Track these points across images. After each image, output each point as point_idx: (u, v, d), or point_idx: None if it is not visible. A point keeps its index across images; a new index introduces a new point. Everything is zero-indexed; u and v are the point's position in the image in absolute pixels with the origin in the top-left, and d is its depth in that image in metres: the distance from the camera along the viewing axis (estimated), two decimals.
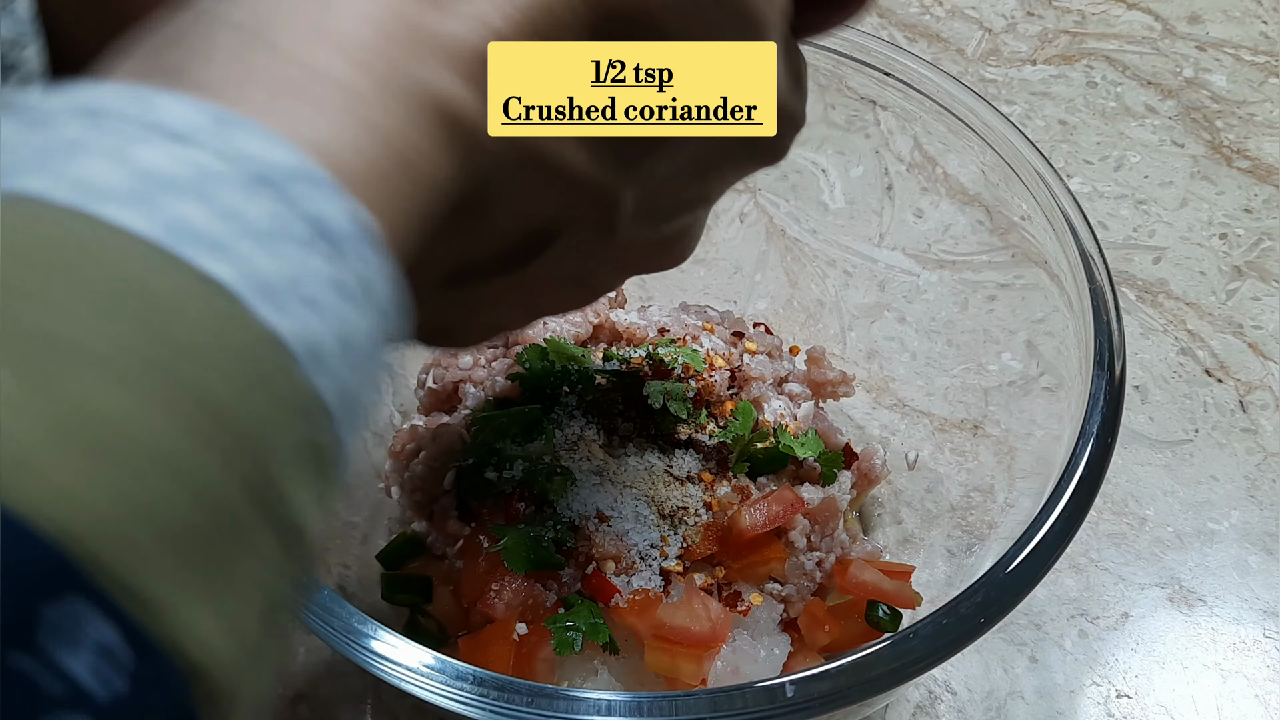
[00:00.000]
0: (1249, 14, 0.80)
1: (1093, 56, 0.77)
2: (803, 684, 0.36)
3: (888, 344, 0.59)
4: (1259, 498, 0.60)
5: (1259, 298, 0.67)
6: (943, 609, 0.38)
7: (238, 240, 0.16)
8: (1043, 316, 0.50)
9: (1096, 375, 0.43)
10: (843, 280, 0.60)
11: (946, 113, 0.51)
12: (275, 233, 0.16)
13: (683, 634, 0.44)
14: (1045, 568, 0.39)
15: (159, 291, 0.15)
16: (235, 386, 0.15)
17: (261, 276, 0.16)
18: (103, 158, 0.16)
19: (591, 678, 0.45)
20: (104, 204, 0.15)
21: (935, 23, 0.79)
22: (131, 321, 0.15)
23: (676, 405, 0.50)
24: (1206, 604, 0.57)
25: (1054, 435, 0.45)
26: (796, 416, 0.52)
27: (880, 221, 0.59)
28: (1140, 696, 0.54)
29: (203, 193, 0.16)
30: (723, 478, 0.50)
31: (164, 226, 0.15)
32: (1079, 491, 0.40)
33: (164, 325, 0.15)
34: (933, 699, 0.54)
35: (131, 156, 0.16)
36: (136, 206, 0.15)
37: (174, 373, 0.15)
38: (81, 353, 0.14)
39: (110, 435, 0.14)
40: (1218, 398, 0.63)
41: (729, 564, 0.48)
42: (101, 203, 0.15)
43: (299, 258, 0.16)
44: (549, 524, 0.46)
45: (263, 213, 0.16)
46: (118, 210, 0.15)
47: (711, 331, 0.54)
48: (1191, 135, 0.74)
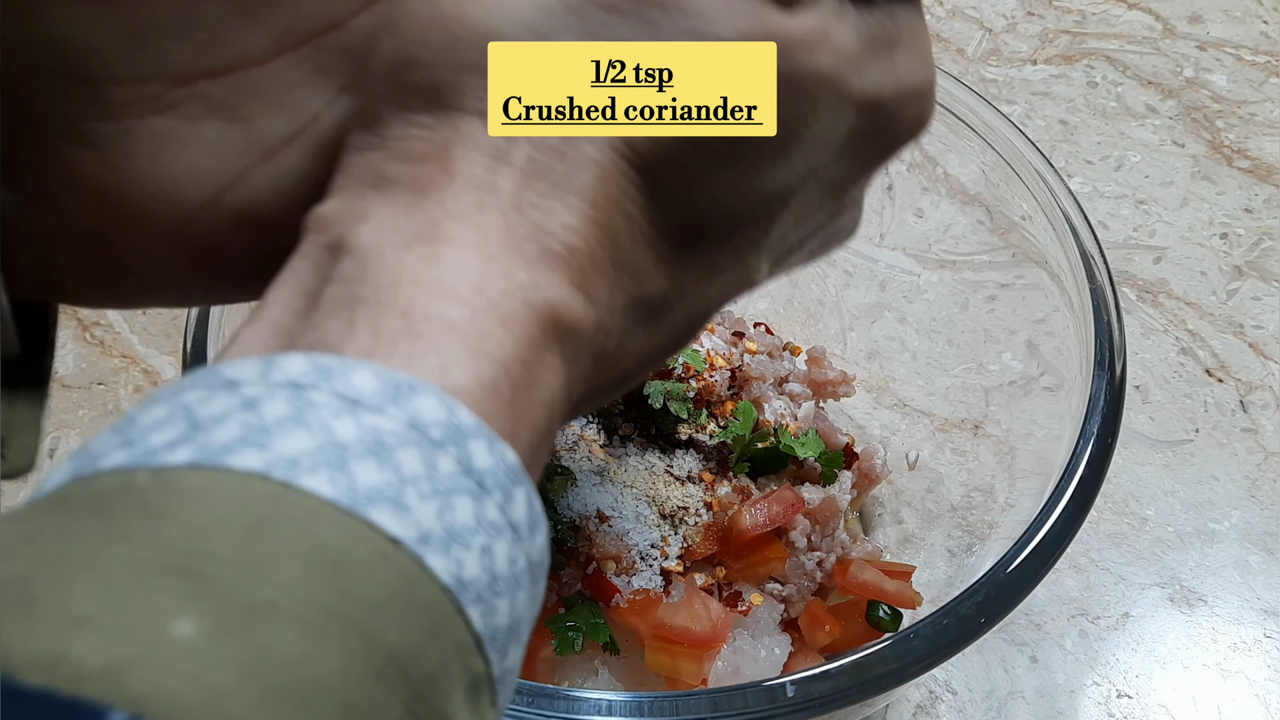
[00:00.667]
0: (1249, 14, 0.80)
1: (1093, 56, 0.77)
2: (803, 684, 0.36)
3: (888, 344, 0.59)
4: (1259, 498, 0.60)
5: (1259, 297, 0.67)
6: (943, 609, 0.38)
7: (412, 498, 0.18)
8: (1043, 316, 0.50)
9: (1097, 375, 0.43)
10: (843, 280, 0.60)
11: (947, 113, 0.51)
12: (441, 488, 0.19)
13: (683, 634, 0.44)
14: (1046, 568, 0.39)
15: (345, 550, 0.17)
16: (410, 634, 0.17)
17: (429, 529, 0.18)
18: (304, 431, 0.18)
19: (592, 678, 0.45)
20: (302, 474, 0.18)
21: (935, 22, 0.79)
22: (318, 578, 0.17)
23: (677, 405, 0.50)
24: (1207, 604, 0.57)
25: (1054, 435, 0.45)
26: (797, 416, 0.52)
27: (881, 221, 0.59)
28: (1141, 696, 0.54)
29: (384, 458, 0.18)
30: (723, 478, 0.50)
31: (352, 491, 0.18)
32: (1079, 491, 0.40)
33: (348, 581, 0.17)
34: (933, 699, 0.54)
35: (328, 428, 0.18)
36: (329, 474, 0.18)
37: (357, 623, 0.17)
38: (270, 607, 0.16)
39: (298, 681, 0.16)
40: (1218, 398, 0.63)
41: (729, 564, 0.48)
42: (300, 473, 0.18)
43: (460, 506, 0.19)
44: (549, 523, 0.46)
45: (424, 468, 0.19)
46: (312, 479, 0.18)
47: (712, 332, 0.54)
48: (1192, 135, 0.73)
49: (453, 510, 0.19)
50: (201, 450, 0.18)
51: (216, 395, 0.19)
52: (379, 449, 0.18)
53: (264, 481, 0.18)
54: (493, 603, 0.19)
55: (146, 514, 0.17)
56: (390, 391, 0.19)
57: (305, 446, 0.18)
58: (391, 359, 0.20)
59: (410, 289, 0.20)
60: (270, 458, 0.18)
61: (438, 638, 0.18)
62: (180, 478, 0.18)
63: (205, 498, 0.17)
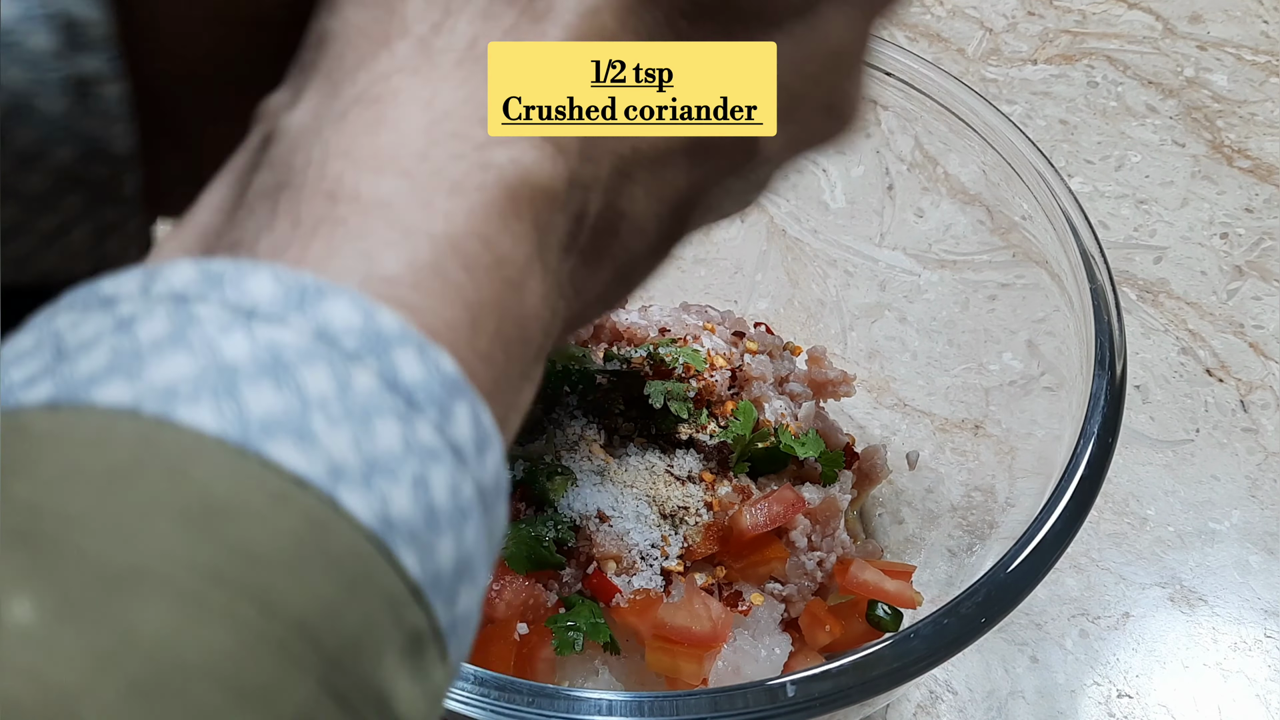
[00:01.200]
0: (1250, 13, 0.80)
1: (1093, 56, 0.77)
2: (804, 683, 0.36)
3: (888, 344, 0.59)
4: (1260, 497, 0.60)
5: (1260, 297, 0.67)
6: (944, 608, 0.38)
7: (320, 425, 0.15)
8: (1044, 316, 0.50)
9: (1097, 375, 0.43)
10: (843, 280, 0.60)
11: (947, 112, 0.51)
12: (358, 410, 0.15)
13: (684, 634, 0.44)
14: (1047, 567, 0.39)
15: (233, 497, 0.14)
16: (321, 593, 0.14)
17: (343, 461, 0.15)
18: (185, 353, 0.15)
19: (592, 678, 0.45)
20: (180, 406, 0.15)
21: (936, 22, 0.79)
22: (198, 536, 0.14)
23: (677, 405, 0.50)
24: (1208, 604, 0.57)
25: (1054, 435, 0.45)
26: (797, 416, 0.52)
27: (881, 221, 0.59)
28: (1141, 696, 0.54)
29: (282, 378, 0.15)
30: (723, 478, 0.50)
31: (242, 422, 0.15)
32: (1080, 490, 0.40)
33: (237, 535, 0.14)
34: (934, 699, 0.54)
35: (214, 346, 0.15)
36: (215, 403, 0.15)
37: (249, 587, 0.14)
38: (134, 576, 0.13)
39: (171, 668, 0.13)
40: (1219, 397, 0.63)
41: (730, 564, 0.48)
42: (177, 405, 0.15)
43: (383, 430, 0.16)
44: (550, 523, 0.46)
45: (336, 386, 0.15)
46: (193, 411, 0.15)
47: (712, 331, 0.54)
48: (1192, 135, 0.73)
49: (373, 436, 0.15)
50: (62, 385, 0.15)
51: (90, 316, 0.16)
52: (276, 368, 0.15)
53: (133, 419, 0.14)
54: (431, 541, 0.16)
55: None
56: (293, 297, 0.16)
57: (185, 371, 0.15)
58: (307, 253, 0.17)
59: (339, 164, 0.17)
60: (141, 388, 0.15)
61: (359, 593, 0.15)
62: (33, 420, 0.15)
63: (59, 443, 0.14)
